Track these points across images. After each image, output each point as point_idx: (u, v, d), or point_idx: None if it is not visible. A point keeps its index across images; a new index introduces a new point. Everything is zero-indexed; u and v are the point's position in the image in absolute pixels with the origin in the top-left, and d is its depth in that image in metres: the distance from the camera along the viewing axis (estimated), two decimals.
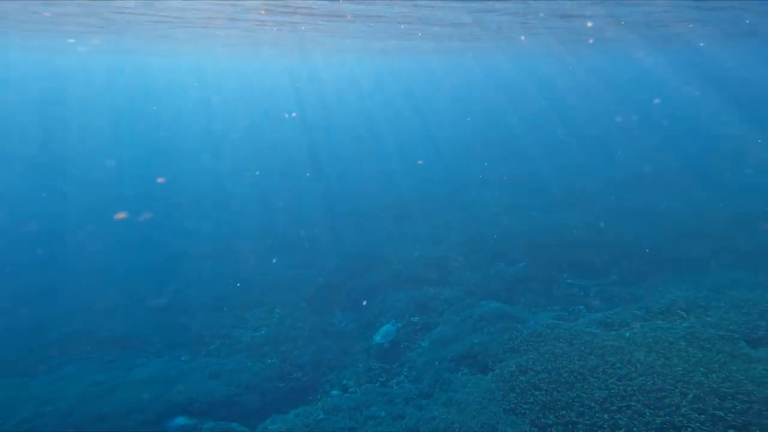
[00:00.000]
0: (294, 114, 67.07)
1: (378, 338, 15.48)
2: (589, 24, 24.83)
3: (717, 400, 9.32)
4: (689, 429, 8.91)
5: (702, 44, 36.49)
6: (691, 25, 25.04)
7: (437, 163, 38.14)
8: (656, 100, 60.42)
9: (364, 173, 36.18)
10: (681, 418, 9.15)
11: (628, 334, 12.04)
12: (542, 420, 10.16)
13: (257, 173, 35.80)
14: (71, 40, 30.21)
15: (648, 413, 9.46)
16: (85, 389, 13.11)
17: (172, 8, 19.75)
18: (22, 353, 15.25)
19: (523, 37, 28.90)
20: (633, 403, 9.82)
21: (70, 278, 19.95)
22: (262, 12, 19.67)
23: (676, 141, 37.57)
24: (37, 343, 15.75)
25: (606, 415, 9.72)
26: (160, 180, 33.59)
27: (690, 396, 9.57)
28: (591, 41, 32.23)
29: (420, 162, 39.09)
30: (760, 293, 13.14)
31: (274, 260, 21.72)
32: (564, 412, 10.18)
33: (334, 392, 13.71)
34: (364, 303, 18.03)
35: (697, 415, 9.11)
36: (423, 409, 11.85)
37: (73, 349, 15.53)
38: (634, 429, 9.26)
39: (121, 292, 18.89)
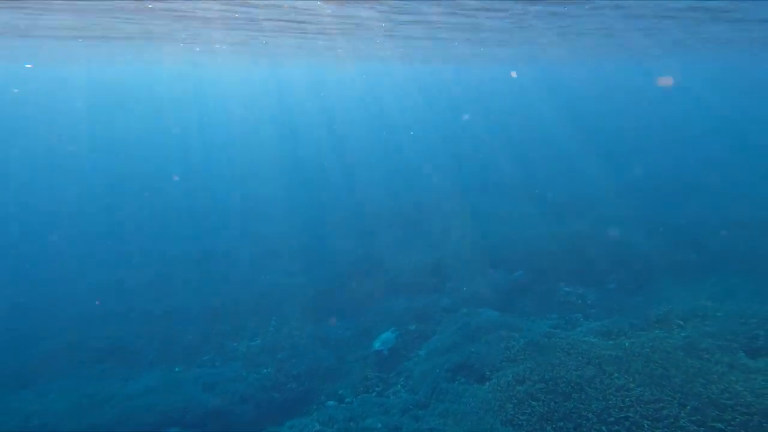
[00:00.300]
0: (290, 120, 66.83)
1: (377, 345, 15.32)
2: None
3: (716, 411, 9.15)
4: None
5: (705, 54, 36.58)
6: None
7: (435, 169, 37.87)
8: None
9: (362, 179, 35.97)
10: (679, 430, 8.98)
11: (626, 344, 11.88)
12: None
13: (254, 179, 35.65)
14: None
15: (646, 425, 9.29)
16: (77, 401, 12.92)
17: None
18: (13, 365, 15.04)
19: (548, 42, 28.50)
20: (631, 415, 9.65)
21: (62, 288, 19.74)
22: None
23: (673, 149, 37.48)
24: (29, 355, 15.53)
25: (604, 427, 9.55)
26: (153, 185, 33.43)
27: (689, 407, 9.40)
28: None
29: (412, 133, 38.77)
30: (759, 303, 12.98)
31: (271, 267, 21.54)
32: (561, 423, 10.01)
33: (330, 403, 13.52)
34: (361, 311, 17.83)
35: (695, 428, 8.94)
36: (419, 420, 11.69)
37: (66, 360, 15.31)
38: None
39: (115, 301, 18.70)
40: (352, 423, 11.98)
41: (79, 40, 25.36)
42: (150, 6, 16.13)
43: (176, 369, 15.00)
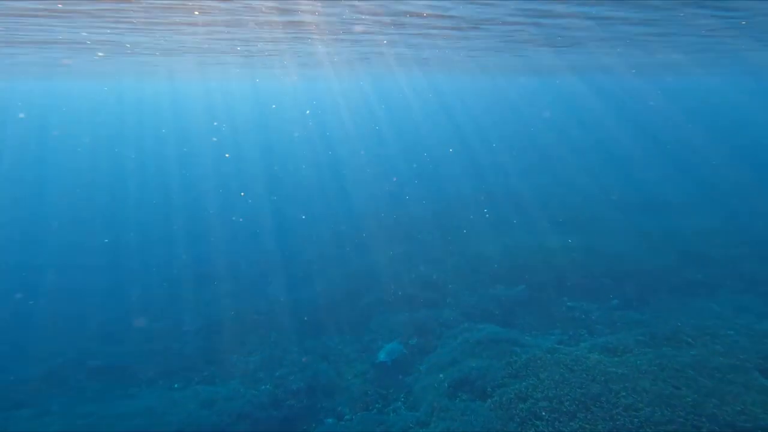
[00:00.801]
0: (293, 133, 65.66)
1: (382, 356, 14.58)
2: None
3: None
4: None
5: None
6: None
7: (436, 184, 37.03)
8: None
9: (362, 194, 35.05)
10: None
11: (632, 361, 11.03)
12: None
13: (254, 194, 34.83)
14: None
15: None
16: (71, 422, 12.14)
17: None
18: (10, 385, 14.26)
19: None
20: None
21: (62, 306, 18.86)
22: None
23: (677, 162, 36.43)
24: (27, 375, 14.73)
25: None
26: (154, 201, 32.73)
27: (704, 430, 8.54)
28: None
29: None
30: None
31: (271, 282, 20.73)
32: None
33: (329, 420, 12.72)
34: (361, 325, 17.00)
35: None
36: None
37: (65, 379, 14.56)
38: None
39: (116, 318, 17.88)
40: None
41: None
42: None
43: (175, 386, 14.20)
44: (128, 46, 21.53)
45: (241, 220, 28.76)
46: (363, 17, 15.13)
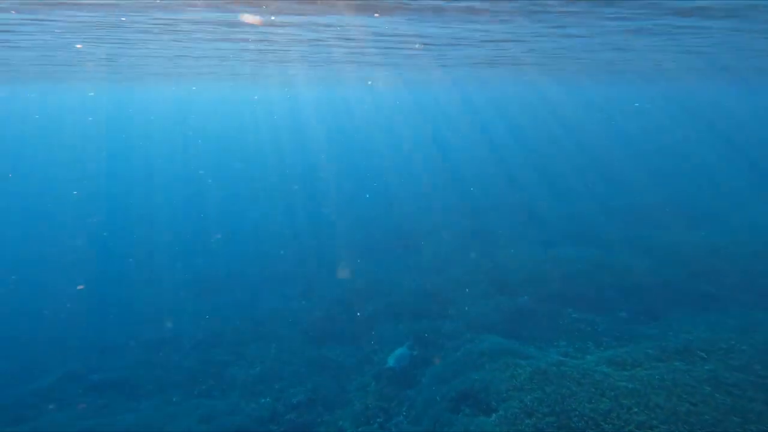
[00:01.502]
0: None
1: (391, 362, 13.67)
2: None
3: None
4: None
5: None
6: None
7: (436, 192, 36.03)
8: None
9: (362, 202, 34.10)
10: None
11: (643, 375, 10.10)
12: None
13: (253, 204, 33.93)
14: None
15: None
16: None
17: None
18: (10, 399, 13.41)
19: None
20: None
21: (62, 319, 17.95)
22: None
23: (684, 174, 35.35)
24: (28, 389, 13.88)
25: None
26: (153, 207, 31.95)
27: None
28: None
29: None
30: None
31: (272, 292, 19.83)
32: None
33: None
34: (362, 336, 16.08)
35: None
36: None
37: (66, 393, 13.68)
38: None
39: (115, 331, 16.98)
40: None
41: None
42: None
43: (174, 399, 13.30)
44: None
45: (241, 231, 27.86)
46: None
